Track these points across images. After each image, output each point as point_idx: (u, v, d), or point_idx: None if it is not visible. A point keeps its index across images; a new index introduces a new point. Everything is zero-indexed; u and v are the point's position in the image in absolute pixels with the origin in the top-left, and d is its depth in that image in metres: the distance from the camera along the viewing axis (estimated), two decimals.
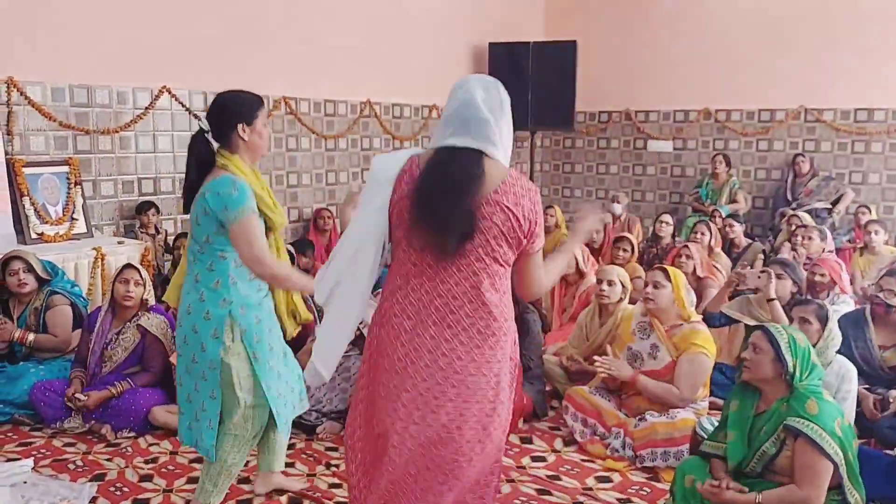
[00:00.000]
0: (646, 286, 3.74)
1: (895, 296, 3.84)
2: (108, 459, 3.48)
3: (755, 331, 2.73)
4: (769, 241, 7.02)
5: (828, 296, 4.56)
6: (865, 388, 3.69)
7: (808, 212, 7.08)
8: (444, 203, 1.99)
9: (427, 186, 2.02)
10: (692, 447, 3.23)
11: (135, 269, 3.91)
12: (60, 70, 5.07)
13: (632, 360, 3.70)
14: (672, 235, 6.44)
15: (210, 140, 2.62)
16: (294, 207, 6.82)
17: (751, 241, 6.48)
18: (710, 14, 8.31)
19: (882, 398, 3.62)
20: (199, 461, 3.38)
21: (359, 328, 2.52)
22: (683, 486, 2.74)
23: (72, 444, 3.63)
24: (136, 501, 3.10)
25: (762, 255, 6.12)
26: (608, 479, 3.33)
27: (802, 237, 5.57)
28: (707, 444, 2.83)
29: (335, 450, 3.59)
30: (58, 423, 3.76)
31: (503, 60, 7.98)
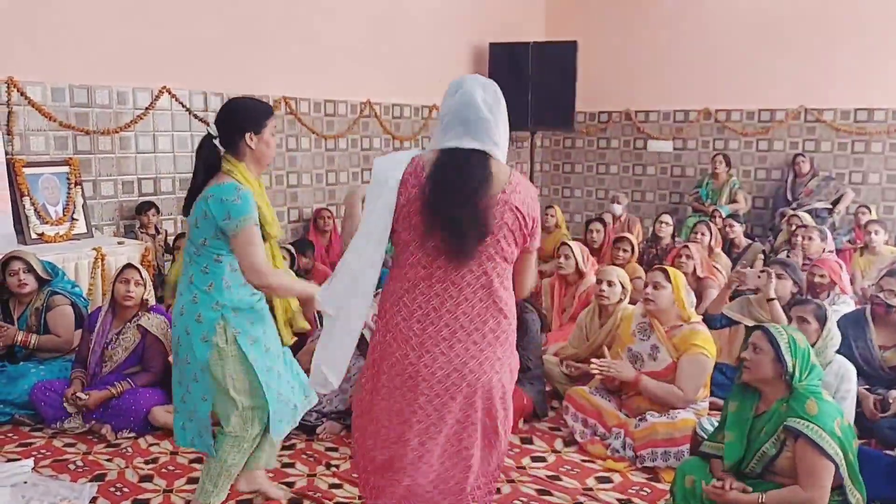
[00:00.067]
0: (646, 287, 3.74)
1: (895, 296, 3.84)
2: (109, 460, 3.48)
3: (755, 331, 2.73)
4: (769, 242, 7.02)
5: (828, 296, 4.56)
6: (866, 389, 3.69)
7: (809, 212, 7.08)
8: (459, 206, 2.02)
9: (439, 190, 2.03)
10: (692, 448, 3.23)
11: (135, 270, 3.91)
12: (61, 70, 5.07)
13: (632, 361, 3.69)
14: (672, 236, 6.44)
15: (217, 145, 2.64)
16: (294, 207, 6.82)
17: (751, 242, 6.48)
18: (710, 14, 8.31)
19: (882, 398, 3.62)
20: (200, 461, 3.38)
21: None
22: (684, 487, 2.74)
23: (72, 445, 3.63)
24: (137, 502, 3.10)
25: (762, 256, 6.12)
26: (608, 480, 3.33)
27: (803, 237, 5.57)
28: (707, 445, 2.83)
29: (335, 450, 3.59)
30: (58, 424, 3.76)
31: (503, 60, 7.98)
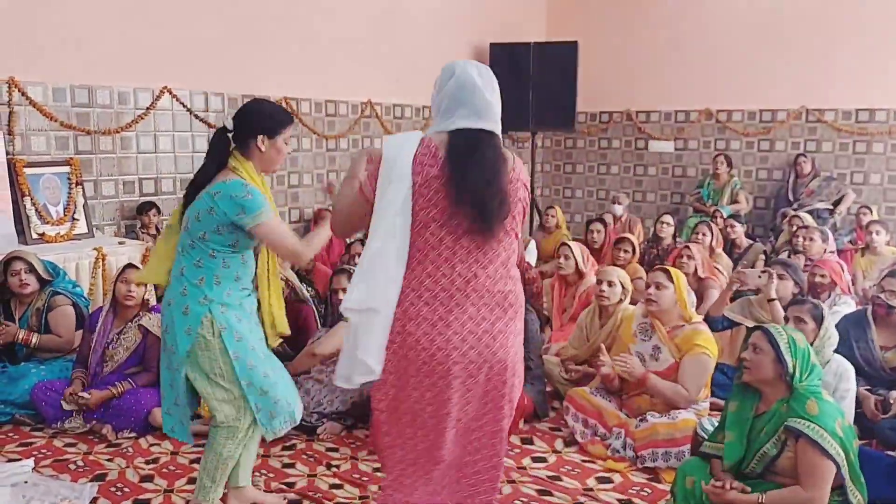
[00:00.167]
0: (648, 287, 3.73)
1: None
2: (109, 460, 3.48)
3: (755, 331, 2.73)
4: (770, 242, 7.02)
5: (829, 296, 4.56)
6: (867, 389, 3.69)
7: (810, 212, 7.08)
8: (486, 185, 2.08)
9: (464, 169, 2.08)
10: (693, 448, 3.22)
11: (136, 270, 3.92)
12: (62, 70, 5.07)
13: None
14: (673, 236, 6.44)
15: (230, 139, 2.67)
16: (295, 207, 6.82)
17: (752, 242, 6.47)
18: (711, 14, 8.31)
19: (883, 399, 3.62)
20: (200, 461, 3.38)
21: None
22: (684, 487, 2.74)
23: (73, 445, 3.63)
24: (137, 502, 3.10)
25: (763, 256, 6.12)
26: (609, 480, 3.33)
27: (804, 238, 5.57)
28: (707, 445, 2.83)
29: (336, 450, 3.59)
30: (59, 424, 3.76)
31: (504, 61, 7.97)
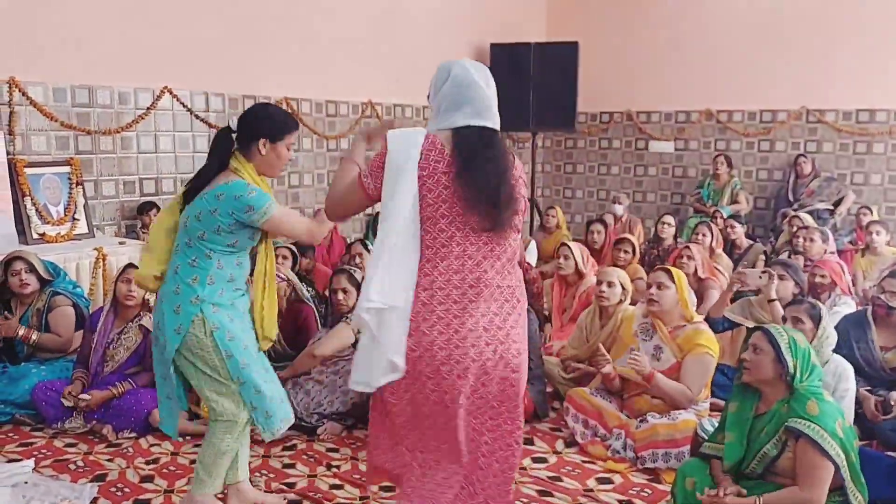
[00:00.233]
0: (649, 287, 3.73)
1: None
2: (109, 460, 3.48)
3: (755, 332, 2.73)
4: (770, 243, 7.01)
5: (829, 297, 4.56)
6: (867, 390, 3.69)
7: (810, 213, 7.08)
8: (496, 181, 2.10)
9: (475, 166, 2.09)
10: (693, 449, 3.22)
11: (137, 269, 3.91)
12: (62, 70, 5.07)
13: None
14: (674, 237, 6.44)
15: (233, 139, 2.69)
16: (296, 208, 6.82)
17: (752, 242, 6.47)
18: (711, 14, 8.31)
19: (884, 400, 3.62)
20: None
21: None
22: (685, 488, 2.74)
23: (73, 445, 3.63)
24: (137, 502, 3.10)
25: (763, 256, 6.12)
26: (609, 481, 3.33)
27: (804, 238, 5.57)
28: (707, 446, 2.83)
29: (336, 450, 3.59)
30: (59, 424, 3.76)
31: (504, 61, 7.97)
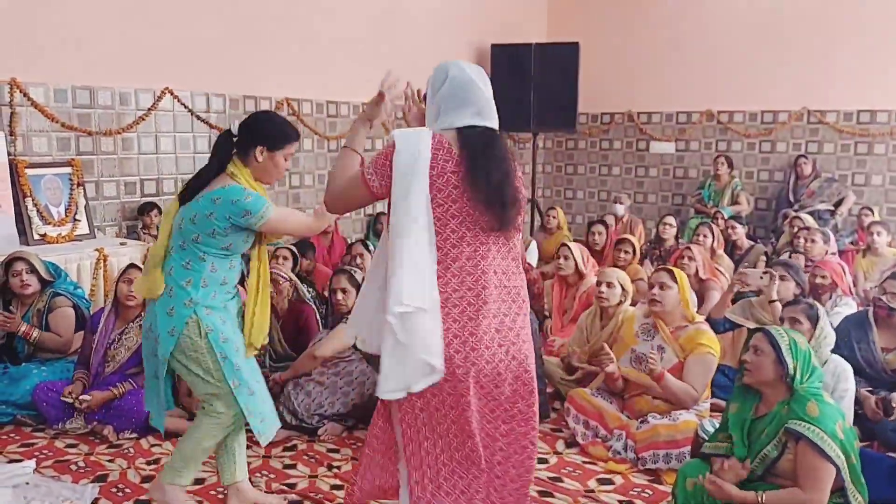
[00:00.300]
0: (651, 288, 3.73)
1: None
2: (110, 460, 3.48)
3: (756, 333, 2.73)
4: (771, 243, 7.01)
5: (830, 297, 4.56)
6: (868, 391, 3.69)
7: (811, 213, 7.08)
8: (504, 181, 2.12)
9: (484, 168, 2.10)
10: (694, 450, 3.22)
11: (138, 270, 3.92)
12: (63, 71, 5.08)
13: (636, 363, 3.68)
14: (676, 237, 6.44)
15: (233, 143, 2.70)
16: (296, 208, 6.81)
17: (753, 243, 6.47)
18: (711, 15, 8.30)
19: (884, 399, 3.62)
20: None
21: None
22: (685, 489, 2.73)
23: (74, 445, 3.63)
24: (138, 502, 3.10)
25: (764, 257, 6.11)
26: (610, 482, 3.33)
27: (805, 239, 5.56)
28: (708, 446, 2.82)
29: (336, 451, 3.59)
30: (60, 424, 3.76)
31: (505, 62, 7.98)
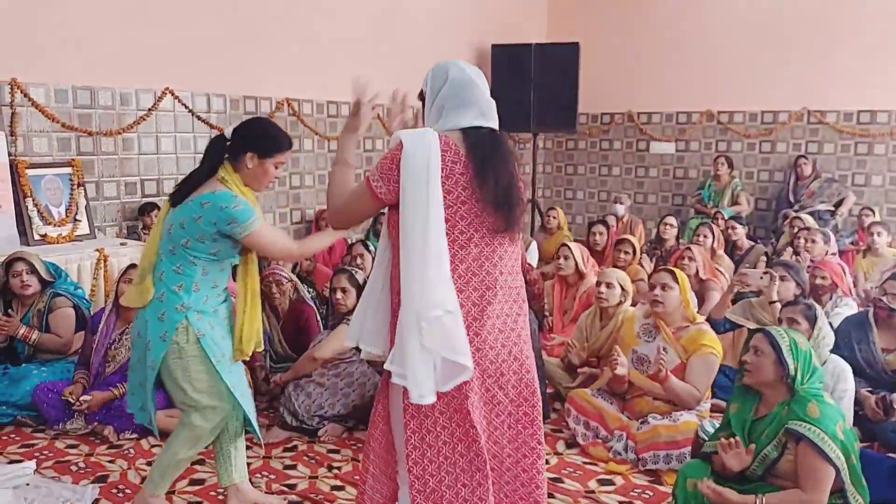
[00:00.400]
0: (653, 289, 3.72)
1: None
2: (111, 461, 3.48)
3: (756, 333, 2.73)
4: (772, 244, 7.01)
5: (830, 298, 4.56)
6: (868, 391, 3.69)
7: (811, 214, 7.08)
8: (509, 183, 2.13)
9: (494, 170, 2.11)
10: (694, 450, 3.23)
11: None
12: (62, 71, 5.07)
13: (638, 364, 3.68)
14: (676, 237, 6.44)
15: (225, 147, 2.69)
16: (297, 209, 6.83)
17: (753, 244, 6.47)
18: (711, 15, 8.31)
19: (884, 399, 3.62)
20: (201, 463, 3.39)
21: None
22: (686, 490, 2.73)
23: (74, 446, 3.64)
24: None
25: (765, 258, 6.11)
26: (610, 482, 3.33)
27: (806, 240, 5.57)
28: (708, 446, 2.82)
29: (337, 452, 3.60)
30: (60, 425, 3.76)
31: (505, 62, 7.98)
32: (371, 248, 5.20)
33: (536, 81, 7.97)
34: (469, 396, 2.11)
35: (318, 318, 4.44)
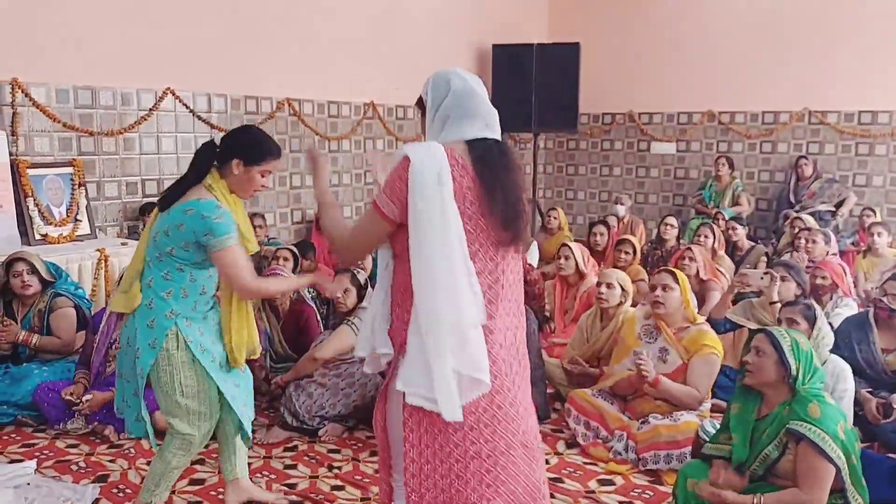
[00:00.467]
0: (654, 290, 3.72)
1: None
2: (111, 461, 3.48)
3: (757, 334, 2.73)
4: (772, 244, 7.01)
5: (831, 298, 4.55)
6: (868, 392, 3.69)
7: (812, 214, 7.07)
8: (517, 198, 2.12)
9: (502, 183, 2.09)
10: (694, 450, 3.22)
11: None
12: (62, 71, 5.08)
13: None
14: (677, 238, 6.44)
15: (214, 154, 2.68)
16: (297, 209, 6.83)
17: (754, 244, 6.47)
18: (712, 15, 8.30)
19: (885, 402, 3.62)
20: (201, 463, 3.39)
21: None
22: (686, 490, 2.73)
23: (75, 446, 3.64)
24: None
25: (765, 258, 6.11)
26: (611, 482, 3.33)
27: (806, 240, 5.56)
28: (708, 447, 2.82)
29: (337, 451, 3.60)
30: (61, 425, 3.76)
31: (506, 62, 7.98)
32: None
33: (537, 81, 7.97)
34: (480, 411, 2.11)
35: (319, 319, 4.45)
